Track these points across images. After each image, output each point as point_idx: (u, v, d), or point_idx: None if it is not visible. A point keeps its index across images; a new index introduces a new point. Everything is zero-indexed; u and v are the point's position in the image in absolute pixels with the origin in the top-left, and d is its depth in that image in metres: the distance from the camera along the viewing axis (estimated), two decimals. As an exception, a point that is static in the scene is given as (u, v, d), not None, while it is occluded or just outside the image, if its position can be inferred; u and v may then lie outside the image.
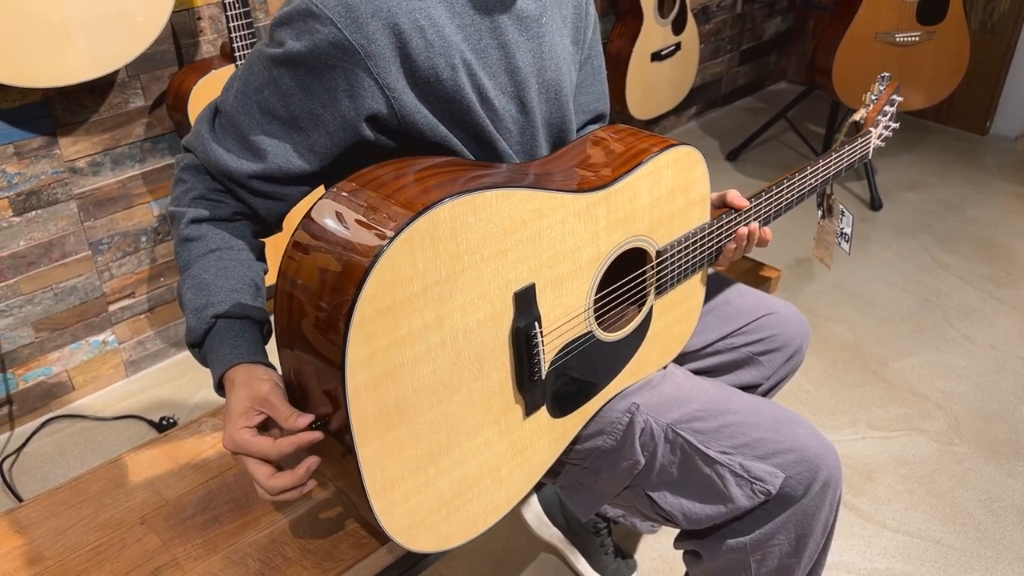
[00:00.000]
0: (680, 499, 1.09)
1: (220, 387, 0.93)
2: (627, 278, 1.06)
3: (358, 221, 0.83)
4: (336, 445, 0.86)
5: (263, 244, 1.04)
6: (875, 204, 2.95)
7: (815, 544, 1.11)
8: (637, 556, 1.68)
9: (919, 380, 2.17)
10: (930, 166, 3.23)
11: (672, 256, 1.09)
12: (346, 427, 0.82)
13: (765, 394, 1.32)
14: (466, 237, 0.84)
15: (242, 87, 0.96)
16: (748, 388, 1.29)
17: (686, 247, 1.10)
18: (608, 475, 1.10)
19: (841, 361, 2.24)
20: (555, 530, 1.64)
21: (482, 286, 0.87)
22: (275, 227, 1.05)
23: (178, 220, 0.98)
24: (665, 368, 1.16)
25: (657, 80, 2.94)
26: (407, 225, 0.79)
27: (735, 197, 1.16)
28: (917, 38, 2.82)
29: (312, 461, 0.87)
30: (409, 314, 0.82)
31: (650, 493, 1.10)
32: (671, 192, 1.06)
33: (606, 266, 1.01)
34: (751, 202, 1.17)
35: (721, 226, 1.14)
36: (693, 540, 1.17)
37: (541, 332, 0.94)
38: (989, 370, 2.20)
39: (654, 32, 2.83)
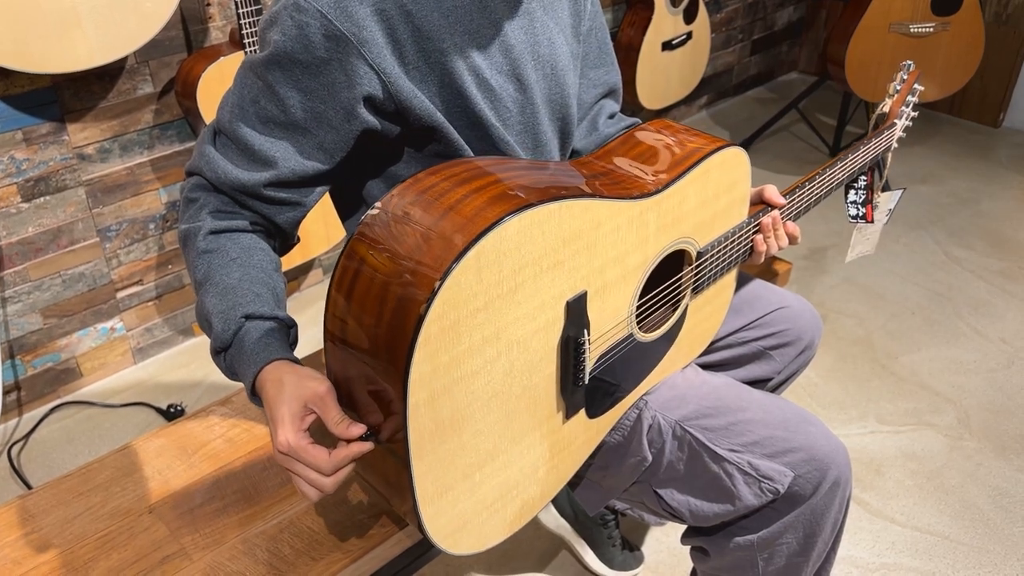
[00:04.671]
0: (687, 496, 1.08)
1: (253, 390, 0.88)
2: (669, 281, 1.05)
3: (423, 235, 0.79)
4: (383, 454, 0.85)
5: (279, 260, 1.02)
6: (886, 196, 2.94)
7: (823, 543, 1.11)
8: (645, 549, 1.68)
9: (929, 374, 2.15)
10: (942, 159, 3.20)
11: (711, 256, 1.08)
12: (402, 441, 0.80)
13: (776, 388, 1.31)
14: (529, 250, 0.82)
15: (237, 102, 0.94)
16: (759, 382, 1.28)
17: (724, 246, 1.09)
18: (615, 471, 1.10)
19: (850, 355, 2.23)
20: (562, 521, 1.64)
21: (539, 297, 0.86)
22: (291, 238, 1.04)
23: (194, 235, 0.95)
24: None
25: (668, 70, 2.92)
26: (476, 241, 0.76)
27: (773, 194, 1.14)
28: (931, 29, 2.79)
29: (348, 469, 0.85)
30: (470, 329, 0.80)
31: (657, 490, 1.09)
32: (716, 193, 1.05)
33: (651, 270, 1.00)
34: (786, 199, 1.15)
35: (758, 223, 1.13)
36: (700, 537, 1.17)
37: (589, 339, 0.93)
38: (1000, 364, 2.18)
39: (665, 21, 2.81)
